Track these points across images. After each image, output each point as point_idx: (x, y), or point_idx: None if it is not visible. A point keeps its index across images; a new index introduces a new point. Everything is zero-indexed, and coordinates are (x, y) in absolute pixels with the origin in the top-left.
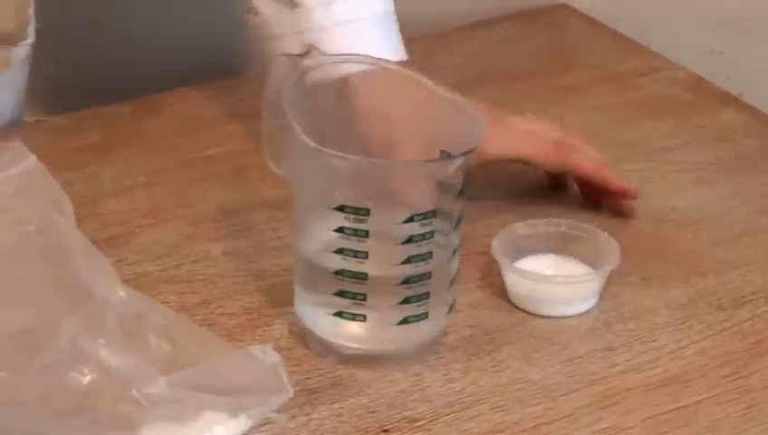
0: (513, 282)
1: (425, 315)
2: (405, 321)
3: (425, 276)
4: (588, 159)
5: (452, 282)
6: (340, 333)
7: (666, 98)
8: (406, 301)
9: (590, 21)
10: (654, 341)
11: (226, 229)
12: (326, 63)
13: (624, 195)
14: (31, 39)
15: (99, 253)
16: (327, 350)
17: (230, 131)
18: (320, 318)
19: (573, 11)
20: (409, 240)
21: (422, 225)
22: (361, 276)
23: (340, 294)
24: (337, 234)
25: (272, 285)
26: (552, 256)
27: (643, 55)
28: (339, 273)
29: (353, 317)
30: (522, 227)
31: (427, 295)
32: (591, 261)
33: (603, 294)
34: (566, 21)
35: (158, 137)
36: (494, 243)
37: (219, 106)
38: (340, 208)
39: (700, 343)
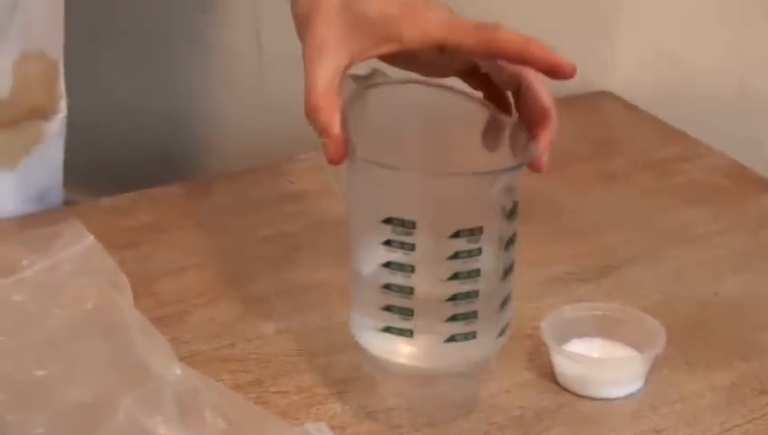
0: (561, 364)
1: (473, 335)
2: (452, 339)
3: (472, 295)
4: (514, 34)
5: (503, 304)
6: (390, 350)
7: (707, 184)
8: (453, 318)
9: (633, 108)
10: (699, 423)
11: (279, 309)
12: (388, 84)
13: (557, 70)
14: (63, 113)
15: (156, 331)
16: (378, 368)
17: (281, 213)
18: (370, 334)
19: (616, 98)
20: (456, 256)
21: (469, 241)
22: (408, 290)
23: (388, 308)
24: (385, 247)
25: (324, 363)
26: (598, 339)
27: (684, 142)
28: (386, 287)
29: (401, 332)
30: (569, 311)
31: (474, 314)
32: (637, 344)
33: (649, 378)
34: (609, 108)
35: (210, 218)
36: (543, 325)
37: (270, 188)
38: (388, 221)
39: (744, 426)
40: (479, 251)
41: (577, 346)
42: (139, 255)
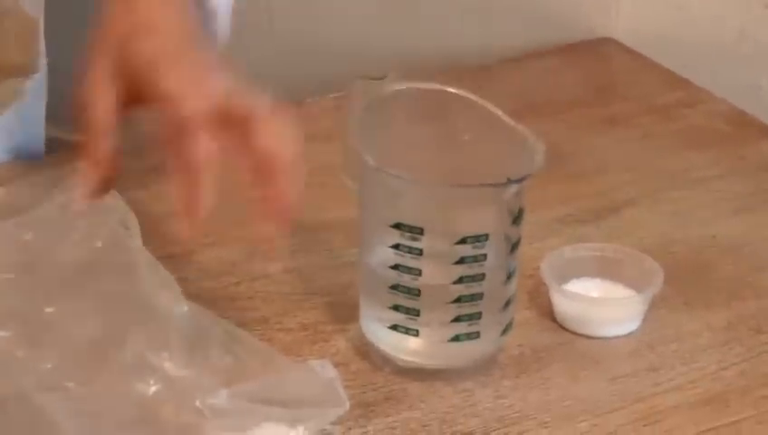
0: (560, 303)
1: (476, 335)
2: (456, 338)
3: (476, 297)
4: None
5: (506, 304)
6: (396, 346)
7: (708, 130)
8: (457, 319)
9: (635, 55)
10: (696, 362)
11: (287, 248)
12: (401, 88)
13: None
14: (41, 71)
15: (163, 269)
16: (385, 362)
17: None
18: (378, 330)
19: (619, 45)
20: (462, 261)
21: (474, 247)
22: (415, 292)
23: (396, 308)
24: (393, 250)
25: (328, 302)
26: (597, 279)
27: (686, 88)
28: (394, 287)
29: (407, 331)
30: (569, 251)
31: (478, 315)
32: (635, 284)
33: (646, 317)
34: (611, 54)
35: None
36: (543, 265)
37: None
38: (397, 226)
39: (740, 365)
40: (484, 256)
41: (576, 286)
42: (147, 195)
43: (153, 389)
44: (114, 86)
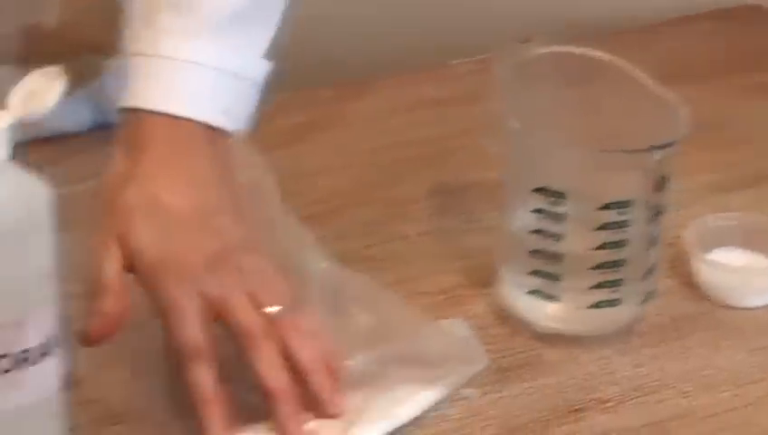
0: (703, 272)
1: (617, 302)
2: (597, 305)
3: (619, 263)
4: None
5: (648, 272)
6: (536, 312)
7: None
8: (599, 286)
9: None
10: None
11: (426, 211)
12: (546, 52)
13: None
14: None
15: (302, 228)
16: (523, 327)
17: (431, 117)
18: (518, 296)
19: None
20: (605, 227)
21: (619, 213)
22: (556, 258)
23: (536, 273)
24: (535, 214)
25: (469, 266)
26: (740, 249)
27: None
28: (535, 252)
29: (547, 297)
30: (712, 220)
31: (620, 282)
32: None
33: None
34: (760, 21)
35: (360, 120)
36: (686, 234)
37: (420, 93)
38: (540, 190)
39: None
40: (627, 223)
41: (719, 255)
42: (289, 154)
43: None
44: (117, 252)
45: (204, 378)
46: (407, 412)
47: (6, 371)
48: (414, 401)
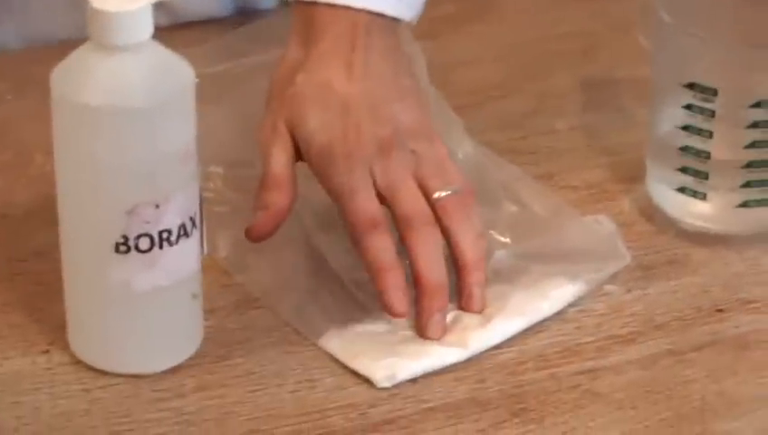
0: None
1: (766, 202)
2: (745, 204)
3: None
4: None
5: None
6: (683, 210)
7: None
8: (747, 184)
9: None
10: None
11: (574, 105)
12: None
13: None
14: None
15: (450, 110)
16: (669, 225)
17: (583, 11)
18: (664, 193)
19: None
20: (755, 125)
21: None
22: (704, 155)
23: (684, 170)
24: (685, 111)
25: (617, 161)
26: None
27: None
28: (684, 149)
29: (694, 194)
30: None
31: None
32: None
33: None
34: None
35: (511, 12)
36: None
37: None
38: (690, 86)
39: None
40: None
41: None
42: (438, 45)
43: None
44: (288, 140)
45: (382, 247)
46: (548, 307)
47: (145, 251)
48: (555, 296)
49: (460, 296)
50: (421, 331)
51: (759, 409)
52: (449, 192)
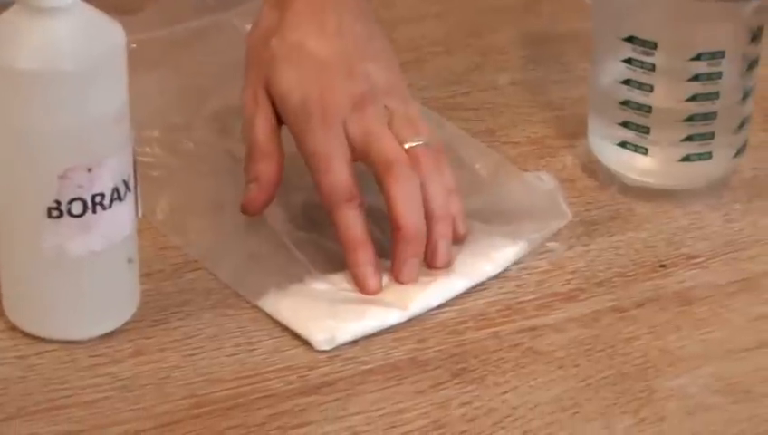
0: None
1: (708, 155)
2: (687, 158)
3: (710, 116)
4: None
5: (741, 125)
6: (624, 164)
7: None
8: (689, 138)
9: None
10: None
11: (515, 60)
12: None
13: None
14: None
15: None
16: (611, 180)
17: None
18: (606, 148)
19: None
20: (696, 78)
21: (710, 64)
22: (645, 109)
23: (625, 124)
24: (625, 64)
25: (558, 116)
26: None
27: None
28: (624, 103)
29: (635, 149)
30: None
31: (711, 135)
32: None
33: None
34: None
35: None
36: None
37: None
38: (630, 39)
39: None
40: (719, 75)
41: None
42: (380, 1)
43: None
44: (269, 107)
45: (355, 221)
46: (491, 269)
47: (78, 215)
48: (498, 258)
49: (426, 250)
50: (395, 274)
51: (702, 365)
52: (421, 142)
